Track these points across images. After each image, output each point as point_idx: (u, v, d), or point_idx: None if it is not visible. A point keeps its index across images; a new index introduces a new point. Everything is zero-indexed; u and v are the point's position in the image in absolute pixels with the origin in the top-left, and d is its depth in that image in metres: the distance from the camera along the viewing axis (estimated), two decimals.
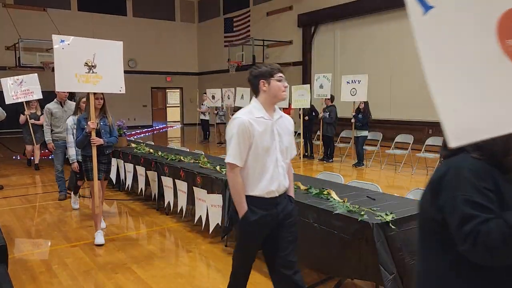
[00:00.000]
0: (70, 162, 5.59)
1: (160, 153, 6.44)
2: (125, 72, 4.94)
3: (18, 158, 11.59)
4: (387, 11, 13.38)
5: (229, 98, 13.48)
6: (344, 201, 3.25)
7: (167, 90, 24.10)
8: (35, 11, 18.57)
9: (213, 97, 14.19)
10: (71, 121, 5.45)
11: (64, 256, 4.42)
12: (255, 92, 2.66)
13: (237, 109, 12.46)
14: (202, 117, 15.23)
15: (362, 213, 2.95)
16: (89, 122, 4.52)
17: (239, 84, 14.68)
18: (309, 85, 11.25)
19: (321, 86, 10.39)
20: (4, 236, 3.04)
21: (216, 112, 14.55)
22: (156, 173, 5.89)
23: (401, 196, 3.76)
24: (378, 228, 2.76)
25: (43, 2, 18.77)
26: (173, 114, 24.22)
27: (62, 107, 6.65)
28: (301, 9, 16.72)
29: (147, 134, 18.98)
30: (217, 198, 4.45)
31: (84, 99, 5.10)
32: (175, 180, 5.38)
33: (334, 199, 3.35)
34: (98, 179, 4.74)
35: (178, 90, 23.77)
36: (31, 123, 9.31)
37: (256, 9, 19.34)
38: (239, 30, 20.31)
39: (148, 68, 21.68)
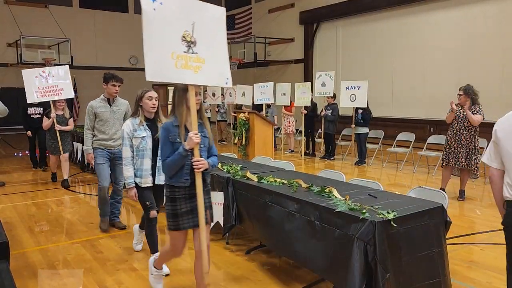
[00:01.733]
0: (127, 187, 3.76)
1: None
2: (127, 69, 4.89)
3: (20, 154, 11.61)
4: (389, 9, 13.35)
5: (230, 96, 13.47)
6: (345, 199, 3.24)
7: (168, 87, 24.08)
8: (37, 7, 18.55)
9: (214, 94, 14.17)
10: (129, 126, 3.72)
11: (66, 252, 4.43)
12: None
13: (238, 106, 12.45)
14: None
15: (364, 211, 2.94)
16: (190, 134, 2.82)
17: (241, 81, 14.68)
18: (309, 83, 11.24)
19: (323, 84, 10.36)
20: (5, 233, 3.04)
21: (217, 109, 14.54)
22: None
23: (402, 194, 3.76)
24: (380, 226, 2.76)
25: None
26: None
27: (110, 106, 4.94)
28: (302, 6, 16.68)
29: None
30: (219, 196, 4.44)
31: (151, 94, 3.79)
32: None
33: (335, 197, 3.34)
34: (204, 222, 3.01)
35: None
36: (57, 130, 7.49)
37: (258, 7, 19.30)
38: (240, 27, 20.27)
39: None
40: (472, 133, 6.11)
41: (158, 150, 3.47)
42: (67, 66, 7.82)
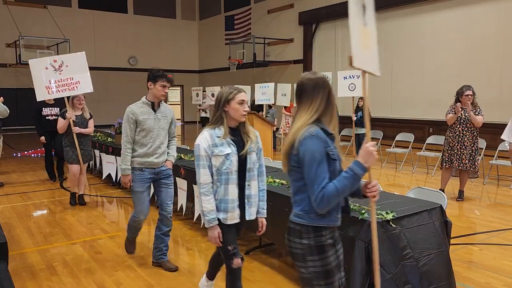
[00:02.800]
0: (207, 226, 2.72)
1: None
2: (126, 69, 4.82)
3: (19, 155, 11.60)
4: (387, 9, 13.35)
5: None
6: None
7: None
8: (36, 8, 18.55)
9: (213, 95, 14.16)
10: (207, 140, 2.68)
11: (64, 253, 4.43)
12: None
13: None
14: (202, 114, 15.21)
15: (363, 211, 2.95)
16: (368, 146, 2.02)
17: (240, 82, 14.67)
18: None
19: None
20: (4, 233, 3.04)
21: None
22: None
23: (401, 194, 3.76)
24: (379, 226, 2.76)
25: None
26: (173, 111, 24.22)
27: (155, 112, 3.87)
28: (302, 7, 16.68)
29: None
30: None
31: (242, 97, 2.71)
32: (176, 178, 5.37)
33: None
34: None
35: (179, 88, 23.76)
36: (75, 132, 6.04)
37: (257, 7, 19.30)
38: (240, 28, 20.28)
39: (149, 65, 21.29)
40: (475, 134, 6.11)
41: (246, 172, 2.72)
42: (83, 53, 6.43)
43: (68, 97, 6.25)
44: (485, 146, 7.92)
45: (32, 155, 11.65)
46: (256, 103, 11.21)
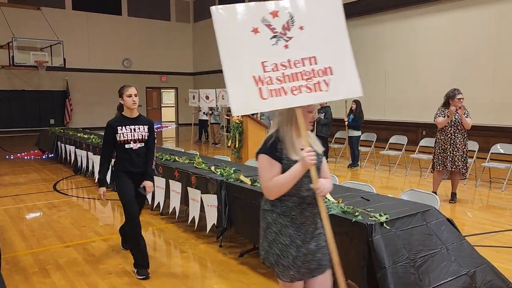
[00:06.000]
0: None
1: (154, 153, 6.42)
2: (120, 71, 4.79)
3: (12, 157, 11.52)
4: (381, 13, 13.43)
5: (223, 99, 13.46)
6: (338, 202, 3.26)
7: (162, 90, 24.04)
8: (29, 9, 18.44)
9: (207, 97, 14.15)
10: None
11: (58, 256, 4.40)
12: None
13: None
14: (200, 117, 15.18)
15: (357, 214, 2.96)
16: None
17: None
18: None
19: None
20: None
21: (210, 112, 14.52)
22: None
23: (395, 197, 3.78)
24: (372, 229, 2.77)
25: (37, 1, 18.65)
26: (168, 114, 24.18)
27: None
28: None
29: None
30: (213, 198, 4.45)
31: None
32: (169, 180, 5.37)
33: (328, 199, 3.36)
34: None
35: (173, 90, 23.73)
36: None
37: None
38: None
39: (143, 68, 21.61)
40: (466, 136, 6.17)
41: None
42: None
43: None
44: (477, 148, 7.99)
45: (25, 157, 11.58)
46: None
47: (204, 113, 14.84)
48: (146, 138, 3.96)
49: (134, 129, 3.91)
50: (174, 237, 4.97)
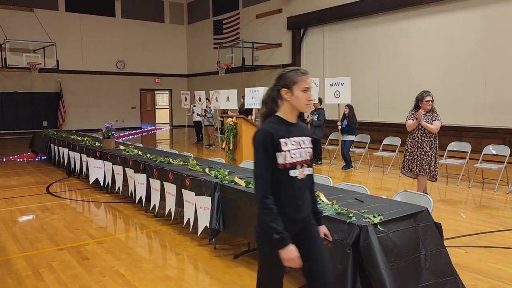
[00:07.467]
0: None
1: (148, 155, 6.41)
2: (114, 73, 4.78)
3: (4, 160, 11.43)
4: (375, 15, 13.51)
5: (217, 100, 13.44)
6: (332, 203, 3.27)
7: (156, 92, 23.99)
8: (22, 11, 18.35)
9: (200, 99, 14.14)
10: None
11: (51, 259, 4.37)
12: None
13: (225, 111, 12.45)
14: (195, 118, 15.15)
15: (351, 215, 2.97)
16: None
17: (229, 86, 14.67)
18: None
19: None
20: None
21: (204, 114, 14.51)
22: (145, 175, 5.86)
23: (389, 198, 3.80)
24: (366, 230, 2.78)
25: (30, 2, 18.55)
26: (162, 116, 24.15)
27: None
28: (290, 12, 16.79)
29: (135, 136, 18.87)
30: (206, 200, 4.44)
31: None
32: (164, 182, 5.36)
33: (322, 201, 3.37)
34: None
35: (167, 92, 23.69)
36: None
37: (246, 12, 19.37)
38: (228, 32, 20.32)
39: (137, 69, 21.56)
40: (432, 139, 5.96)
41: None
42: None
43: None
44: (470, 150, 8.04)
45: (18, 159, 11.50)
46: (245, 107, 11.22)
47: (198, 114, 14.83)
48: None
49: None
50: (169, 239, 4.96)
